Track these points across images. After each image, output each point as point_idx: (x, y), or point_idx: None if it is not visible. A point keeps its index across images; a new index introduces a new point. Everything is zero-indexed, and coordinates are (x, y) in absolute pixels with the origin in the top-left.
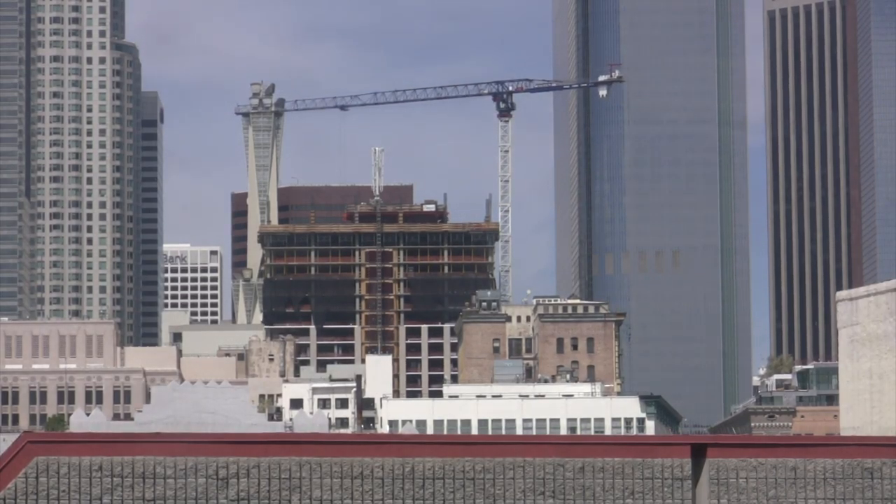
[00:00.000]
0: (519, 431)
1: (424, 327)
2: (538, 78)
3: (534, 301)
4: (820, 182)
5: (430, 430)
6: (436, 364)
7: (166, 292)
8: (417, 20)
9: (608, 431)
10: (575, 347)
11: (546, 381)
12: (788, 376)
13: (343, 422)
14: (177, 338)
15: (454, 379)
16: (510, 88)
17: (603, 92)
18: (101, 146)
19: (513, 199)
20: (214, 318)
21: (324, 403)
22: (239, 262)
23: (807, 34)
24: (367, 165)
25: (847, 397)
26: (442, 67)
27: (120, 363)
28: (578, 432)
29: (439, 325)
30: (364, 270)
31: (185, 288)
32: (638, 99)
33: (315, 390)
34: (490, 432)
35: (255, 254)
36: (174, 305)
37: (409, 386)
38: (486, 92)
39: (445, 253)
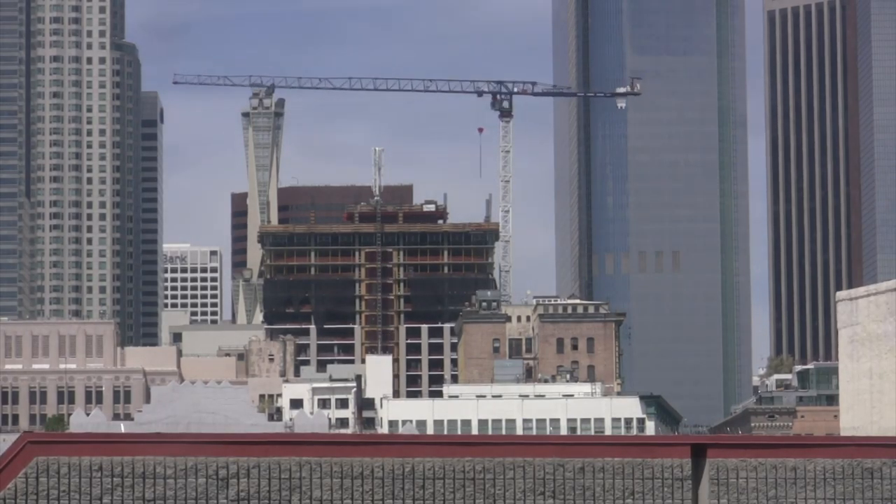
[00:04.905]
0: (519, 431)
1: (424, 327)
2: (540, 80)
3: (534, 301)
4: (820, 182)
5: (430, 430)
6: (436, 364)
7: (166, 292)
8: (418, 20)
9: (608, 431)
10: (575, 347)
11: (546, 381)
12: (788, 376)
13: (343, 422)
14: (177, 338)
15: (454, 379)
16: (513, 90)
17: (622, 104)
18: (101, 146)
19: (513, 199)
20: (214, 318)
21: (324, 403)
22: (239, 262)
23: (807, 34)
24: (368, 165)
25: (847, 397)
26: (442, 67)
27: (120, 363)
28: (578, 432)
29: (439, 325)
30: (364, 270)
31: (185, 288)
32: (638, 99)
33: (315, 390)
34: (490, 432)
35: (255, 254)
36: (174, 305)
37: (409, 386)
38: (486, 91)
39: (445, 253)
